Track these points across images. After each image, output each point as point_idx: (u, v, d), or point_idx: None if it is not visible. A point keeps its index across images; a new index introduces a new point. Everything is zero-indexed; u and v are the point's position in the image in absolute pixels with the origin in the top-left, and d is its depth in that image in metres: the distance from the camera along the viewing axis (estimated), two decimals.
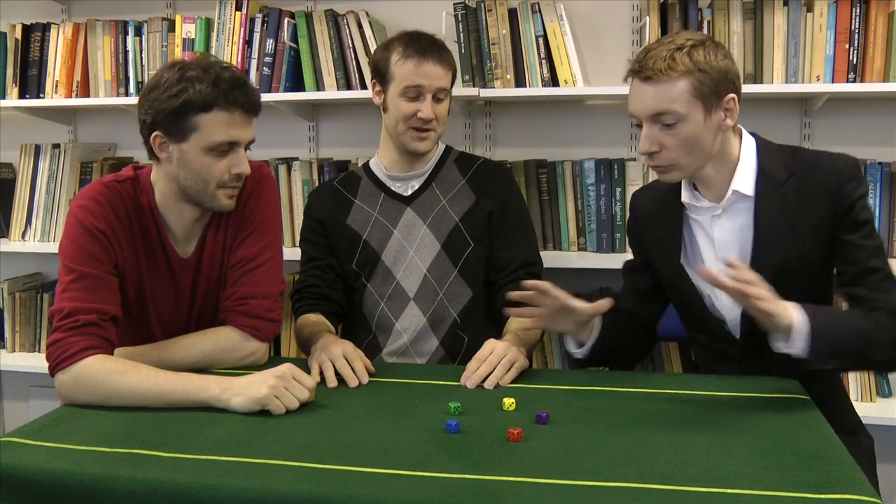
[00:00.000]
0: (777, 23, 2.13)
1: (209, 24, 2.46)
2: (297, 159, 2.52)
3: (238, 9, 2.41)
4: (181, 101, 1.49)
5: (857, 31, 2.09)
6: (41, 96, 2.59)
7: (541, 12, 2.24)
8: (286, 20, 2.39)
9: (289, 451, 1.21)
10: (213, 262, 1.68)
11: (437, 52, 1.83)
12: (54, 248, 2.45)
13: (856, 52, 2.10)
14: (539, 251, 1.98)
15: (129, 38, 2.52)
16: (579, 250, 2.35)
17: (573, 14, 2.34)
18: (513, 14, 2.26)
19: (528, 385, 1.51)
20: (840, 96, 2.23)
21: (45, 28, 2.58)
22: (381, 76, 1.87)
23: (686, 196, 1.57)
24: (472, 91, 2.26)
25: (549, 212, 2.36)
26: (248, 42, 2.41)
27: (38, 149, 2.65)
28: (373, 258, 1.90)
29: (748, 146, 1.53)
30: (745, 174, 1.50)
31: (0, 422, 2.98)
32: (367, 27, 2.34)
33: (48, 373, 1.48)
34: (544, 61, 2.25)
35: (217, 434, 1.29)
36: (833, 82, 2.11)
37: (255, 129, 1.59)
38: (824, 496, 1.05)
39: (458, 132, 2.52)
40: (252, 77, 2.38)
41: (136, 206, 1.61)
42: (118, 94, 2.54)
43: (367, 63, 2.24)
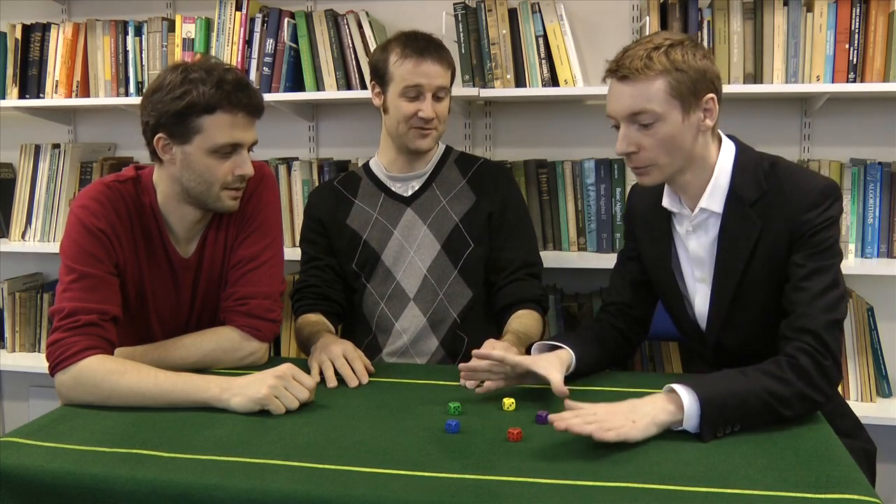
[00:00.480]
0: (777, 23, 2.13)
1: (209, 24, 2.46)
2: (297, 159, 2.52)
3: (238, 9, 2.41)
4: (185, 103, 1.49)
5: (857, 31, 2.09)
6: (41, 96, 2.58)
7: (541, 12, 2.24)
8: (286, 20, 2.39)
9: (289, 451, 1.21)
10: (214, 262, 1.69)
11: (435, 51, 1.83)
12: (54, 248, 2.47)
13: (856, 52, 2.09)
14: (539, 251, 1.98)
15: (129, 38, 2.52)
16: (579, 250, 2.35)
17: (573, 14, 2.34)
18: (513, 14, 2.26)
19: (528, 385, 1.50)
20: (840, 96, 2.23)
21: (45, 28, 2.58)
22: (380, 78, 1.87)
23: (667, 201, 1.55)
24: (472, 91, 2.26)
25: (549, 212, 2.36)
26: (248, 42, 2.41)
27: (38, 149, 2.65)
28: (373, 258, 1.90)
29: (726, 155, 1.49)
30: (716, 191, 1.47)
31: (0, 422, 2.98)
32: (367, 27, 2.34)
33: (48, 373, 1.48)
34: (544, 61, 2.25)
35: (217, 434, 1.29)
36: (833, 82, 2.11)
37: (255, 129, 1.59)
38: (824, 496, 1.05)
39: (458, 132, 2.52)
40: (252, 77, 2.38)
41: (138, 206, 1.61)
42: (118, 94, 2.54)
43: (367, 63, 2.24)
